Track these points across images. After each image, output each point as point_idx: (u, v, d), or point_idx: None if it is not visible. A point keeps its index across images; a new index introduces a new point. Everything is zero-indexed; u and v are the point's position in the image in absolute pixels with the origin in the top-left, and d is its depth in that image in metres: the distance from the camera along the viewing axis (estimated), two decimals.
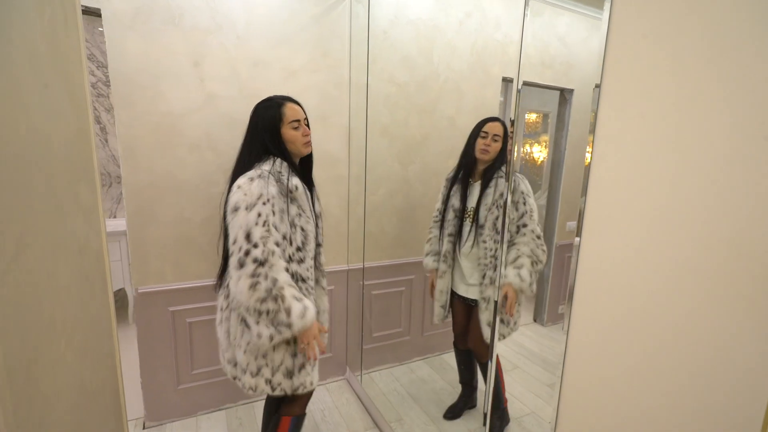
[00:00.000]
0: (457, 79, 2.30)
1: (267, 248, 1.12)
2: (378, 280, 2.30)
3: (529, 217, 1.63)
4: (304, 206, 1.26)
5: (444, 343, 2.62)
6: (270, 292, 1.11)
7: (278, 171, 1.23)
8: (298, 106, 1.32)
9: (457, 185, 1.75)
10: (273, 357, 1.22)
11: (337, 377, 2.31)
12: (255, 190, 1.14)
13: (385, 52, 2.09)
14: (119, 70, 1.56)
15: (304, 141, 1.31)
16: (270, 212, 1.15)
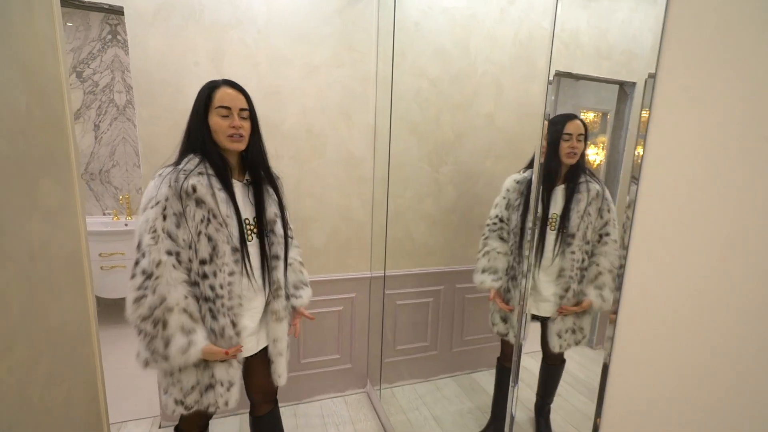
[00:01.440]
0: (497, 72, 2.09)
1: (152, 258, 0.99)
2: (403, 289, 2.15)
3: (613, 226, 1.44)
4: (214, 210, 1.06)
5: (476, 360, 2.41)
6: (152, 311, 0.99)
7: (183, 169, 1.06)
8: (237, 92, 1.12)
9: (541, 190, 1.59)
10: (181, 377, 1.10)
11: (357, 390, 2.19)
12: (148, 191, 1.03)
13: (416, 44, 1.94)
14: (140, 67, 1.56)
15: (230, 133, 1.09)
16: (159, 216, 1.01)
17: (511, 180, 1.69)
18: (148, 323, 0.99)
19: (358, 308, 2.10)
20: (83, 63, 2.91)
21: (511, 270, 1.70)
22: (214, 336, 1.09)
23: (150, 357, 1.01)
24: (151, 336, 1.00)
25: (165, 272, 1.00)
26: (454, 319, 2.30)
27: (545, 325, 1.66)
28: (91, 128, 2.99)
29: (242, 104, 1.12)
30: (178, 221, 1.03)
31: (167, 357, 1.01)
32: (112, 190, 3.11)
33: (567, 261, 1.50)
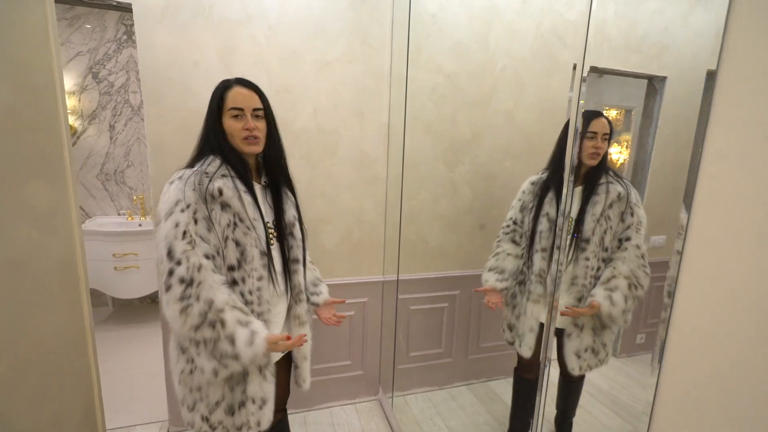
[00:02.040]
0: (517, 67, 1.99)
1: (191, 263, 0.92)
2: (417, 294, 2.07)
3: (635, 231, 1.35)
4: (241, 214, 1.01)
5: (493, 368, 2.31)
6: (205, 316, 0.93)
7: (204, 171, 1.00)
8: (250, 91, 1.05)
9: (554, 191, 1.47)
10: (208, 391, 1.03)
11: (369, 397, 2.12)
12: (172, 195, 0.96)
13: (432, 38, 1.85)
14: (148, 65, 1.52)
15: (244, 136, 1.03)
16: (190, 220, 0.94)
17: (527, 182, 1.61)
18: (204, 329, 0.93)
19: (371, 313, 2.03)
20: (99, 64, 2.92)
21: (520, 274, 1.61)
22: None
23: (218, 365, 0.96)
24: (214, 340, 0.94)
25: (207, 276, 0.94)
26: (471, 325, 2.21)
27: (560, 338, 1.54)
28: (106, 129, 3.01)
29: (256, 104, 1.06)
30: (208, 225, 0.98)
31: (237, 355, 0.95)
32: (126, 191, 3.12)
33: (580, 268, 1.40)
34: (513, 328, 1.62)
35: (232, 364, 0.95)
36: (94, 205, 3.08)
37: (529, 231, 1.54)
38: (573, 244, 1.43)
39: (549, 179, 1.50)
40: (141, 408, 2.01)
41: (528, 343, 1.56)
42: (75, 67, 2.89)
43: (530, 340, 1.55)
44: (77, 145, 2.97)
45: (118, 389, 2.16)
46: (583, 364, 1.44)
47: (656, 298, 2.70)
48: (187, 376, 1.03)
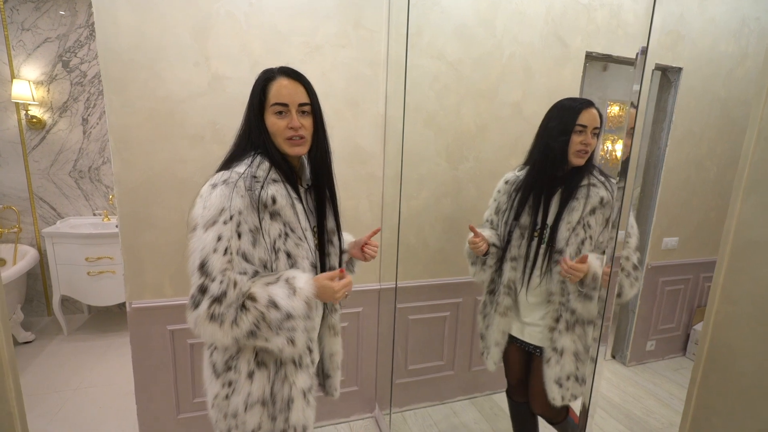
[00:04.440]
0: (526, 54, 1.82)
1: (227, 278, 0.81)
2: (416, 302, 1.89)
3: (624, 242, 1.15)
4: (293, 224, 0.91)
5: (497, 381, 2.15)
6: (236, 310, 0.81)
7: (253, 174, 0.88)
8: (296, 83, 0.92)
9: (528, 192, 1.27)
10: (245, 419, 0.91)
11: (364, 415, 1.94)
12: (215, 201, 0.83)
13: (433, 21, 1.67)
14: (108, 47, 1.32)
15: (288, 136, 0.91)
16: (234, 233, 0.83)
17: (502, 180, 1.40)
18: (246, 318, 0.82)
19: (366, 324, 1.85)
20: (70, 51, 2.69)
21: (491, 283, 1.41)
22: (294, 366, 0.94)
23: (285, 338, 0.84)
24: (260, 319, 0.82)
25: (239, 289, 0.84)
26: (474, 335, 2.05)
27: (534, 358, 1.34)
28: (79, 122, 2.78)
29: (302, 98, 0.92)
30: (254, 239, 0.86)
31: (290, 315, 0.83)
32: (102, 189, 2.90)
33: (555, 283, 1.22)
34: (483, 338, 1.46)
35: (293, 323, 0.84)
36: (67, 205, 2.86)
37: (502, 236, 1.35)
38: (547, 255, 1.24)
39: (527, 180, 1.28)
40: (113, 427, 1.82)
41: (493, 357, 1.40)
42: (43, 55, 2.65)
43: (495, 354, 1.39)
44: (46, 140, 2.74)
45: (86, 409, 1.96)
46: (566, 393, 1.24)
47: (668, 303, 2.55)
48: (222, 401, 0.93)
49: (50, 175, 2.79)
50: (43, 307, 2.93)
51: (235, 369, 0.91)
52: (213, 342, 0.85)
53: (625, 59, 1.99)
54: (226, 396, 0.92)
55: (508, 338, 1.38)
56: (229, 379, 0.92)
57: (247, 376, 0.91)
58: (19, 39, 2.60)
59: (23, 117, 2.67)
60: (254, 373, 0.91)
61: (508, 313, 1.34)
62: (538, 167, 1.26)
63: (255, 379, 0.91)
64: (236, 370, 0.91)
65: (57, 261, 2.52)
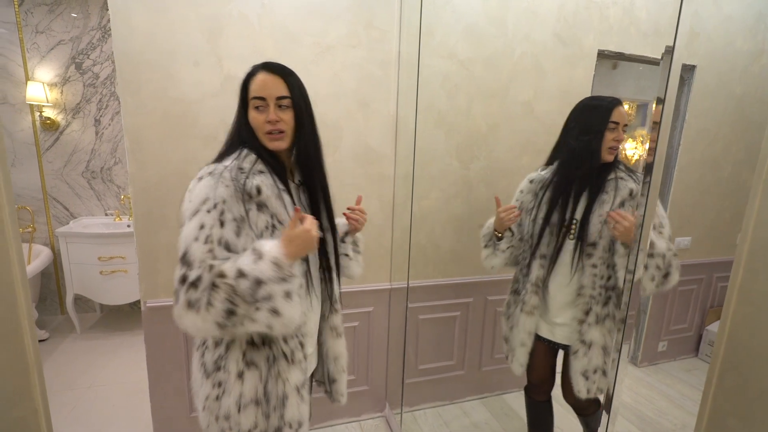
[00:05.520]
0: (538, 53, 1.81)
1: (205, 264, 0.78)
2: (427, 302, 1.89)
3: (659, 234, 1.17)
4: (280, 215, 0.90)
5: (508, 381, 2.14)
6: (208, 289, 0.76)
7: (239, 166, 0.88)
8: (275, 76, 0.90)
9: (558, 189, 1.28)
10: (240, 419, 0.89)
11: (375, 414, 1.95)
12: (200, 192, 0.83)
13: (444, 21, 1.67)
14: (124, 48, 1.33)
15: (266, 130, 0.90)
16: (216, 222, 0.81)
17: (525, 180, 1.41)
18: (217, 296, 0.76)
19: (377, 323, 1.85)
20: (83, 53, 2.72)
21: (515, 282, 1.43)
22: (286, 362, 0.91)
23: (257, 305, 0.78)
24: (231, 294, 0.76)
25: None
26: (484, 334, 2.04)
27: (566, 357, 1.36)
28: (91, 123, 2.81)
29: (280, 91, 0.91)
30: (238, 228, 0.84)
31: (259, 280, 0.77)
32: (114, 189, 2.94)
33: (587, 277, 1.23)
34: (507, 341, 1.45)
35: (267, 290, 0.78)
36: (80, 205, 2.90)
37: (529, 235, 1.35)
38: (577, 249, 1.25)
39: (553, 176, 1.30)
40: (125, 426, 1.84)
41: (519, 359, 1.38)
42: (57, 57, 2.69)
43: (521, 355, 1.37)
44: (60, 141, 2.78)
45: (100, 407, 1.99)
46: (592, 386, 1.25)
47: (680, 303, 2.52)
48: (213, 402, 0.90)
49: (63, 176, 2.83)
50: (57, 306, 2.97)
51: (224, 369, 0.89)
52: (197, 333, 0.79)
53: (637, 57, 1.98)
54: (217, 397, 0.90)
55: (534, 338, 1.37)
56: (219, 380, 0.90)
57: (236, 376, 0.88)
58: (34, 42, 2.64)
59: (37, 118, 2.72)
60: (244, 373, 0.89)
61: (534, 312, 1.33)
62: (569, 164, 1.26)
63: (246, 379, 0.89)
64: (225, 370, 0.89)
65: (70, 260, 2.56)
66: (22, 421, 0.69)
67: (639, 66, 2.22)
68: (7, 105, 2.67)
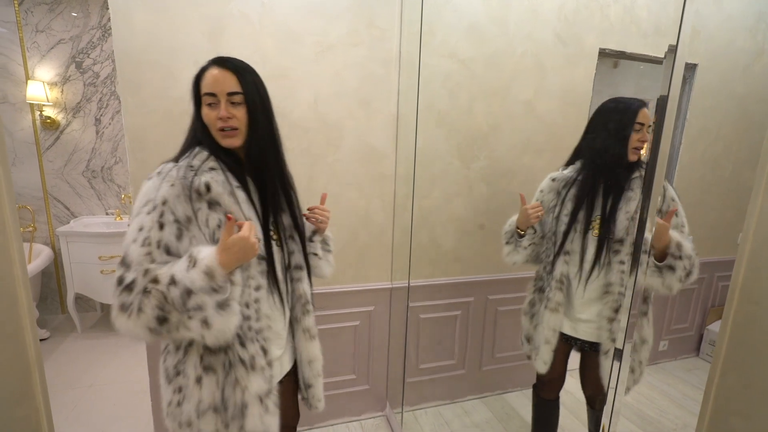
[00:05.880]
0: (539, 52, 1.80)
1: (141, 267, 0.77)
2: (427, 301, 1.89)
3: (678, 232, 1.20)
4: (234, 213, 0.87)
5: (509, 380, 2.14)
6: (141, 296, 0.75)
7: (189, 164, 0.86)
8: (226, 72, 0.87)
9: (582, 187, 1.30)
10: (200, 426, 0.86)
11: (375, 413, 1.95)
12: (144, 192, 0.82)
13: (446, 20, 1.67)
14: (124, 48, 1.33)
15: (218, 126, 0.88)
16: (155, 224, 0.79)
17: (547, 179, 1.42)
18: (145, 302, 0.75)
19: (377, 323, 1.85)
20: (83, 53, 2.72)
21: (539, 280, 1.44)
22: (245, 368, 0.87)
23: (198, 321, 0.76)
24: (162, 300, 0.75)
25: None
26: (485, 334, 2.04)
27: (587, 354, 1.37)
28: (91, 123, 2.81)
29: (231, 87, 0.87)
30: (179, 231, 0.82)
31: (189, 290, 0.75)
32: (114, 189, 2.94)
33: (614, 274, 1.24)
34: (530, 340, 1.46)
35: (197, 300, 0.76)
36: (81, 205, 2.90)
37: (552, 233, 1.36)
38: (604, 246, 1.27)
39: (577, 175, 1.33)
40: (125, 427, 1.84)
41: (543, 357, 1.38)
42: (57, 56, 2.69)
43: (545, 353, 1.37)
44: (60, 140, 2.78)
45: (101, 406, 1.99)
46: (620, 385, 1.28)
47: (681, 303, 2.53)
48: (174, 408, 0.88)
49: (64, 175, 2.83)
50: (57, 305, 2.98)
51: (183, 374, 0.86)
52: (131, 336, 0.77)
53: (638, 56, 1.97)
54: (178, 403, 0.87)
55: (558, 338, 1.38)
56: (179, 385, 0.87)
57: (195, 381, 0.86)
58: (34, 41, 2.64)
59: (38, 118, 2.71)
60: (202, 378, 0.86)
61: (559, 308, 1.34)
62: (594, 164, 1.29)
63: (204, 384, 0.86)
64: (185, 375, 0.86)
65: (71, 259, 2.56)
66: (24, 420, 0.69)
67: (640, 65, 2.22)
68: (7, 104, 2.67)
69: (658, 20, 1.94)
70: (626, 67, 2.87)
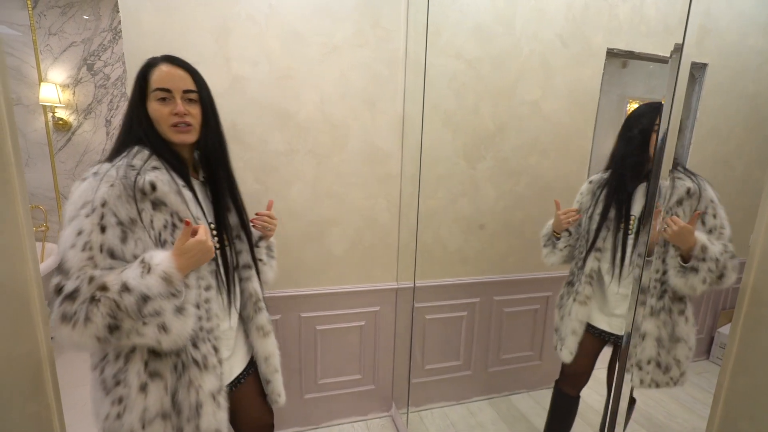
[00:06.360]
0: (545, 52, 1.80)
1: (84, 274, 0.74)
2: (433, 302, 1.89)
3: (718, 236, 1.22)
4: (181, 213, 0.86)
5: (515, 382, 2.13)
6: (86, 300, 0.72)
7: (129, 163, 0.82)
8: (180, 70, 0.90)
9: (614, 188, 1.35)
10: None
11: (381, 414, 1.95)
12: (80, 194, 0.78)
13: (452, 20, 1.66)
14: (133, 50, 1.35)
15: (173, 122, 0.87)
16: (95, 227, 0.76)
17: (585, 182, 1.49)
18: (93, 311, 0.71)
19: (383, 323, 1.85)
20: (94, 55, 2.76)
21: (570, 275, 1.49)
22: (198, 369, 0.86)
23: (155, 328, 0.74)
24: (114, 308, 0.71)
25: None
26: (491, 335, 2.04)
27: (619, 348, 1.40)
28: (102, 124, 2.86)
29: (187, 84, 0.90)
30: (123, 233, 0.79)
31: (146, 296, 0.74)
32: None
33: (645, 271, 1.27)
34: (558, 331, 1.51)
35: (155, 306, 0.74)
36: None
37: (585, 231, 1.42)
38: (635, 244, 1.30)
39: (610, 177, 1.38)
40: None
41: (569, 347, 1.42)
42: (69, 59, 2.73)
43: (571, 343, 1.41)
44: (72, 141, 2.83)
45: None
46: (645, 377, 1.28)
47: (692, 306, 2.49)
48: (113, 422, 0.82)
49: (75, 176, 2.88)
50: None
51: (124, 383, 0.81)
52: (74, 347, 0.73)
53: (647, 55, 1.95)
54: (118, 415, 0.81)
55: (585, 328, 1.41)
56: (119, 395, 0.81)
57: (139, 389, 0.81)
58: (47, 43, 2.69)
59: (50, 119, 2.77)
60: (147, 385, 0.82)
61: (587, 302, 1.38)
62: (623, 165, 1.34)
63: (150, 391, 0.82)
64: (126, 384, 0.81)
65: None
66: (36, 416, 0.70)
67: (649, 65, 2.19)
68: (21, 106, 2.72)
69: (667, 19, 1.91)
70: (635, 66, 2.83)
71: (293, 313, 1.70)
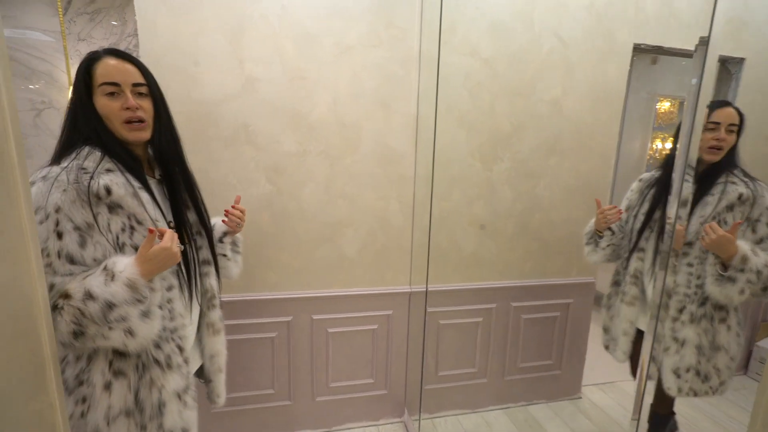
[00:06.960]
0: (566, 49, 1.72)
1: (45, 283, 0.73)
2: (448, 307, 1.84)
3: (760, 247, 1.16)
4: (139, 215, 0.83)
5: (533, 391, 2.05)
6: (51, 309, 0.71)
7: (81, 166, 0.79)
8: (126, 63, 0.85)
9: (661, 187, 1.32)
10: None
11: (393, 419, 1.91)
12: (32, 200, 0.79)
13: (467, 17, 1.62)
14: (149, 51, 1.37)
15: (124, 118, 0.83)
16: (51, 234, 0.74)
17: (636, 180, 1.46)
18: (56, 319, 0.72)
19: (396, 327, 1.82)
20: None
21: (616, 275, 1.47)
22: (160, 368, 0.86)
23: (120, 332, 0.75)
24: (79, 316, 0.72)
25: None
26: (508, 342, 1.97)
27: None
28: None
29: (135, 78, 0.86)
30: (82, 238, 0.77)
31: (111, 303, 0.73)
32: None
33: (682, 275, 1.23)
34: (608, 331, 1.48)
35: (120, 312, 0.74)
36: None
37: (629, 230, 1.40)
38: None
39: (659, 177, 1.35)
40: None
41: (622, 347, 1.40)
42: None
43: (624, 344, 1.39)
44: None
45: None
46: (684, 385, 1.24)
47: None
48: (77, 421, 0.82)
49: None
50: None
51: (87, 383, 0.81)
52: None
53: (678, 51, 1.85)
54: (82, 414, 0.81)
55: (636, 330, 1.38)
56: (83, 395, 0.81)
57: (103, 388, 0.82)
58: (76, 49, 2.79)
59: None
60: (112, 383, 0.82)
61: (634, 302, 1.35)
62: (671, 164, 1.29)
63: (114, 390, 0.82)
64: (89, 384, 0.81)
65: None
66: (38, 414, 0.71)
67: (681, 60, 2.08)
68: (52, 109, 2.83)
69: (698, 12, 1.81)
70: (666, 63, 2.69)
71: (305, 315, 1.69)
